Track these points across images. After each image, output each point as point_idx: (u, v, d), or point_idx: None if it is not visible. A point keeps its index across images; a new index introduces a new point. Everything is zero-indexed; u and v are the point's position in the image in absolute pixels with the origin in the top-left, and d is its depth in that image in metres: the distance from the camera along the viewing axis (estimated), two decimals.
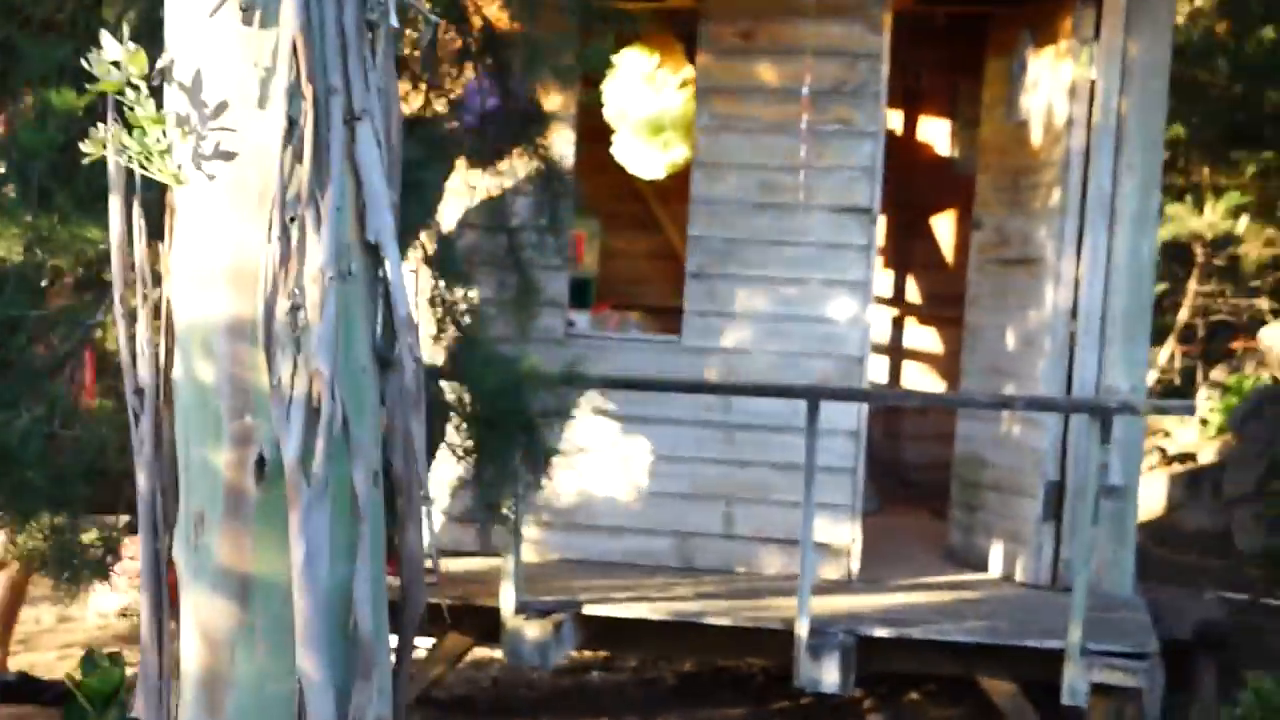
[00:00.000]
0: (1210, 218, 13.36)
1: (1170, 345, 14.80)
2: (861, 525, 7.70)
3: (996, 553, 7.82)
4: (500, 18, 5.84)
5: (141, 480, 3.60)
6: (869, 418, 9.90)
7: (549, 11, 5.97)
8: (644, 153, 8.91)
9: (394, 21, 3.47)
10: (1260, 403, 12.57)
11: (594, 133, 9.54)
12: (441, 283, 5.62)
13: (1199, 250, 14.21)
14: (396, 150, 3.60)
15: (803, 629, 6.56)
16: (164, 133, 3.41)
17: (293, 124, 3.35)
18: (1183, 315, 14.58)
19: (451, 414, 5.39)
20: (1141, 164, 7.35)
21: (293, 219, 3.34)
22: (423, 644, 7.60)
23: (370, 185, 3.45)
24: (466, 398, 5.31)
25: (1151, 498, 12.62)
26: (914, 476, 10.13)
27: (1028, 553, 7.58)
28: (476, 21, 5.60)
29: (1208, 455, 13.01)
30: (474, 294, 5.89)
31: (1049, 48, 7.60)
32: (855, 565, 7.63)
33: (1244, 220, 13.50)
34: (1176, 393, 14.79)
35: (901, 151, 10.33)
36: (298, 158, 3.34)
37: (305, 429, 3.33)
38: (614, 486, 7.74)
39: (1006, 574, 7.74)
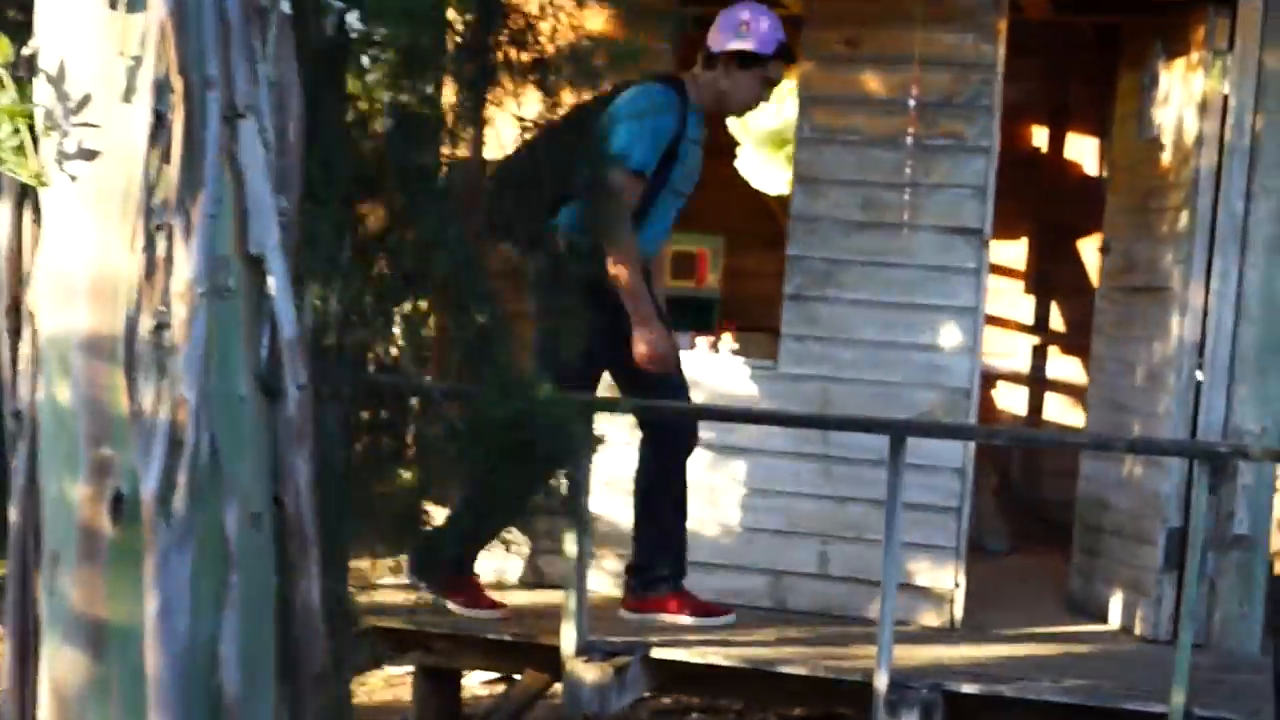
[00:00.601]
0: None
1: None
2: (982, 567, 7.18)
3: (1116, 603, 7.25)
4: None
5: (13, 513, 3.25)
6: (1006, 453, 9.39)
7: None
8: (766, 167, 8.50)
9: (286, 8, 3.08)
10: None
11: (724, 147, 9.14)
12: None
13: None
14: (296, 151, 3.21)
15: (881, 682, 6.05)
16: (23, 127, 3.06)
17: (160, 119, 2.98)
18: None
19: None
20: (1278, 186, 6.75)
21: (159, 227, 2.97)
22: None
23: (253, 191, 3.08)
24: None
25: None
26: (1055, 515, 9.51)
27: (1148, 604, 7.00)
28: (517, 22, 5.18)
29: None
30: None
31: (1180, 59, 7.02)
32: (959, 612, 7.10)
33: None
34: None
35: (1047, 170, 9.79)
36: (165, 158, 2.97)
37: (167, 463, 2.96)
38: (703, 520, 7.28)
39: (1125, 626, 7.16)
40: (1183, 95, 6.99)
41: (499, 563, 7.13)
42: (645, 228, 6.44)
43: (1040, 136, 9.82)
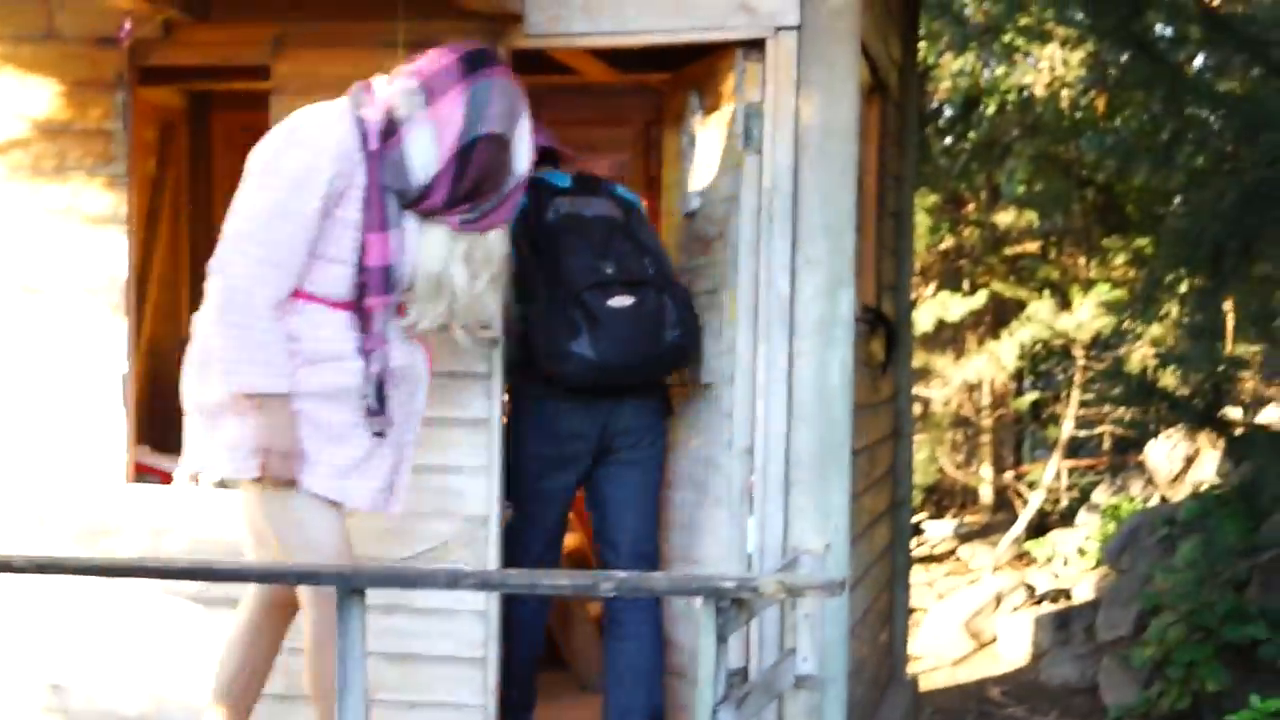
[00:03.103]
0: (1080, 316, 11.68)
1: (1055, 461, 13.11)
2: (581, 710, 6.09)
3: None
4: None
5: None
6: None
7: None
8: None
9: None
10: (1137, 529, 10.87)
11: None
12: None
13: (1078, 353, 12.54)
14: None
15: None
16: None
17: None
18: (1067, 428, 12.89)
19: None
20: (827, 256, 5.71)
21: None
22: None
23: None
24: None
25: (1016, 645, 10.94)
26: None
27: None
28: None
29: (1084, 592, 11.31)
30: None
31: (715, 115, 6.00)
32: None
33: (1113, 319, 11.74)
34: (1065, 516, 13.16)
35: None
36: None
37: None
38: (192, 687, 6.09)
39: None
40: (718, 156, 5.96)
41: None
42: None
43: None
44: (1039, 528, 13.14)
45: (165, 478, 6.40)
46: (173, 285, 8.13)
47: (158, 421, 7.57)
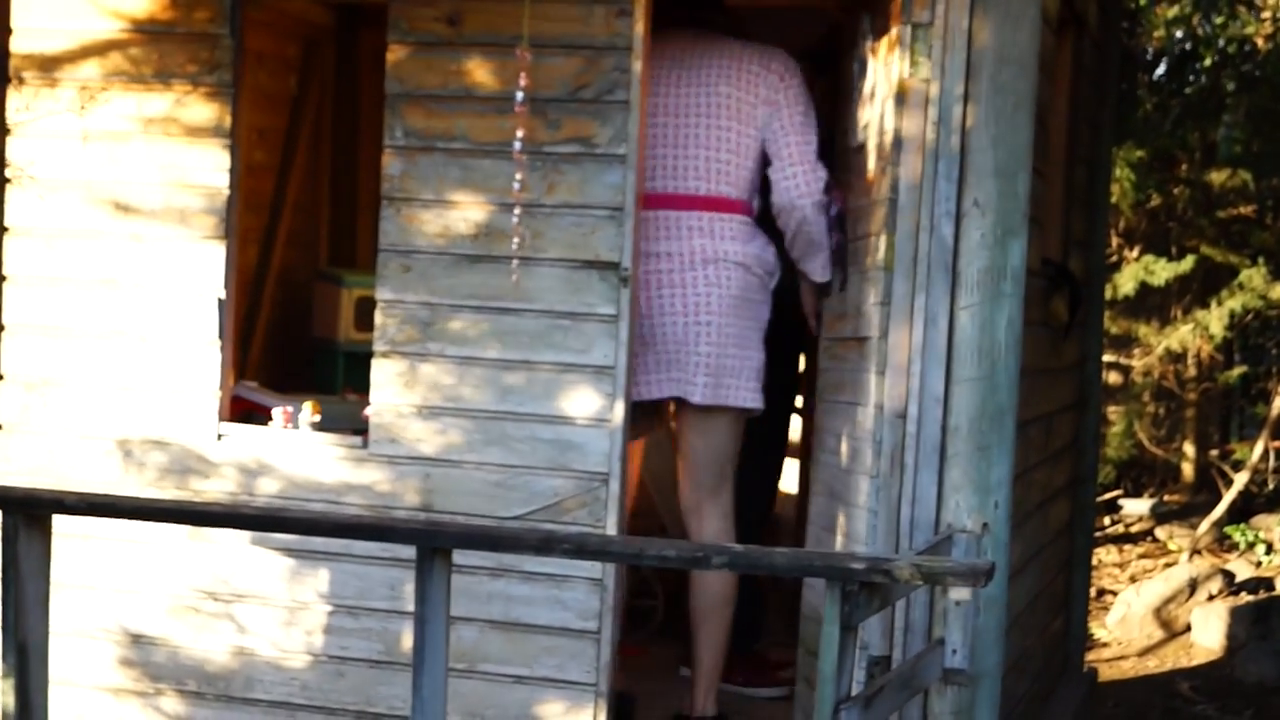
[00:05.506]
0: None
1: (1263, 441, 12.21)
2: None
3: None
4: None
5: None
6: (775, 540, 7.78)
7: None
8: None
9: None
10: None
11: None
12: None
13: None
14: None
15: None
16: None
17: None
18: (1278, 405, 11.98)
19: None
20: (997, 200, 5.03)
21: None
22: None
23: None
24: None
25: (1210, 637, 10.15)
26: None
27: None
28: None
29: None
30: None
31: (884, 39, 5.34)
32: None
33: None
34: (1272, 500, 12.29)
35: None
36: None
37: None
38: (281, 646, 5.61)
39: None
40: (884, 86, 5.30)
41: None
42: None
43: None
44: (1242, 511, 12.27)
45: (270, 416, 5.90)
46: (310, 212, 7.60)
47: (284, 355, 7.11)
